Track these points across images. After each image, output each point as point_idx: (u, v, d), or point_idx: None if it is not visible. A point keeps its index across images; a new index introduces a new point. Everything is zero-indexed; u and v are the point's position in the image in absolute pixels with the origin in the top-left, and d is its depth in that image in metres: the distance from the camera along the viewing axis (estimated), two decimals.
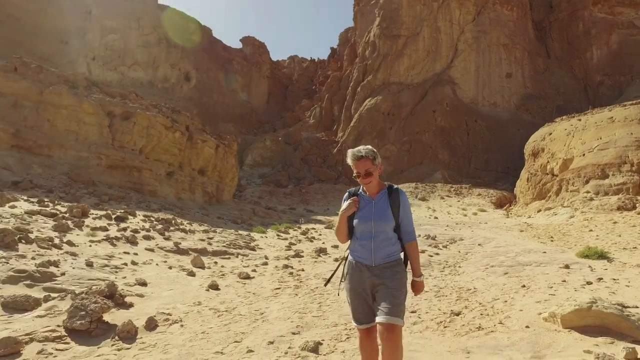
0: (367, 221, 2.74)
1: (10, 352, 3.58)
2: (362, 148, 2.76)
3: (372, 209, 2.75)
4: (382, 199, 2.78)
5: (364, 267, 2.72)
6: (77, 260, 6.90)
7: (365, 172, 2.70)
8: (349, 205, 2.76)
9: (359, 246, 2.77)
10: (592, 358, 3.18)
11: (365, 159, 2.71)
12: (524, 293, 5.72)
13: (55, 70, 20.56)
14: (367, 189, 2.81)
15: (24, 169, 14.47)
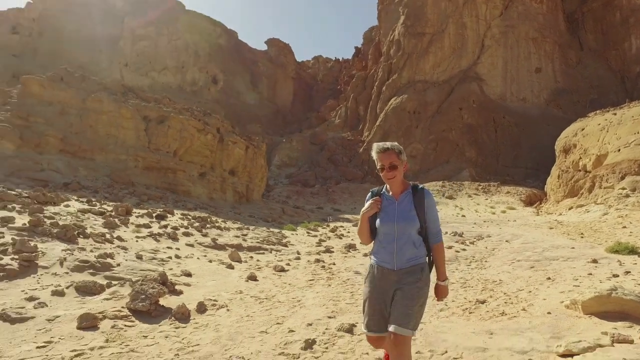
0: (389, 222, 2.62)
1: (90, 325, 4.18)
2: (388, 142, 2.70)
3: (395, 210, 2.63)
4: (406, 199, 2.65)
5: (386, 271, 2.61)
6: (128, 253, 7.57)
7: (389, 164, 2.60)
8: (371, 206, 2.66)
9: (381, 249, 2.67)
10: (608, 338, 3.44)
11: (390, 152, 2.63)
12: (549, 285, 5.93)
13: (95, 78, 21.81)
14: (391, 187, 2.70)
15: (72, 171, 15.54)
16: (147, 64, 69.78)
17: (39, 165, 14.72)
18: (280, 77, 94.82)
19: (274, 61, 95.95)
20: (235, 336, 4.20)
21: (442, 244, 2.72)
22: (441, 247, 2.70)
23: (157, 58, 70.37)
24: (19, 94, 18.88)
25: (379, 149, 2.66)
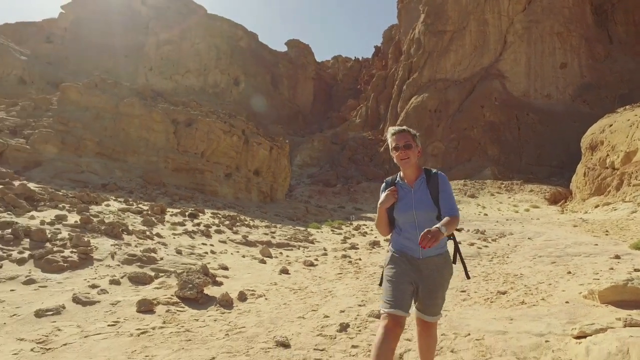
0: (408, 211, 2.58)
1: (147, 309, 4.72)
2: (404, 126, 2.70)
3: (412, 198, 2.59)
4: (421, 186, 2.62)
5: (411, 258, 2.57)
6: (168, 249, 8.18)
7: (404, 143, 2.57)
8: (387, 197, 2.61)
9: (403, 239, 2.62)
10: (621, 322, 3.73)
11: (406, 133, 2.62)
12: (569, 278, 6.18)
13: (126, 84, 22.84)
14: (404, 171, 2.66)
15: (108, 173, 16.44)
16: (171, 68, 71.67)
17: (79, 167, 15.66)
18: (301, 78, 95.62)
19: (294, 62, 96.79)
20: (275, 320, 4.66)
21: (457, 217, 2.50)
22: (456, 217, 2.47)
23: (180, 62, 72.19)
24: (58, 101, 20.01)
25: (394, 130, 2.64)
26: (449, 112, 52.18)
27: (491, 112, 50.73)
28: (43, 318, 4.35)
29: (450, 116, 52.00)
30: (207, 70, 72.93)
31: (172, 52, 71.90)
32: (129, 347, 3.74)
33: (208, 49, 73.73)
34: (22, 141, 15.35)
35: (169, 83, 70.08)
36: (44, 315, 4.40)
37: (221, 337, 4.08)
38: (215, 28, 77.50)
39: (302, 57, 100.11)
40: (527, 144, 49.45)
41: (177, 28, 73.16)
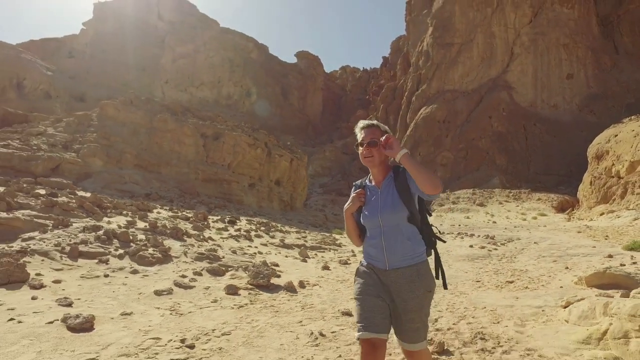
0: (373, 215, 2.25)
1: (234, 292, 6.13)
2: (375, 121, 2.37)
3: (379, 200, 2.26)
4: (388, 185, 2.28)
5: (378, 271, 2.23)
6: (224, 249, 9.60)
7: (370, 140, 2.24)
8: (352, 200, 2.33)
9: (369, 247, 2.29)
10: (597, 297, 5.05)
11: (375, 128, 2.30)
12: (566, 272, 7.48)
13: (158, 100, 24.56)
14: (372, 171, 2.34)
15: (147, 183, 18.01)
16: (186, 80, 73.98)
17: (123, 179, 17.24)
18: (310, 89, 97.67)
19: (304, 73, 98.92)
20: (334, 300, 6.04)
21: (437, 181, 2.10)
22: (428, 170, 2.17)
23: (195, 74, 74.51)
24: (98, 117, 21.74)
25: (363, 124, 2.33)
26: (457, 123, 53.45)
27: (499, 123, 51.90)
28: (162, 296, 5.78)
29: (458, 126, 53.26)
30: (221, 83, 75.15)
31: (187, 66, 74.29)
32: (235, 315, 5.15)
33: (222, 62, 76.03)
34: (73, 155, 16.99)
35: (184, 95, 72.30)
36: (161, 294, 5.83)
37: (299, 310, 5.47)
38: (228, 41, 79.91)
39: (312, 68, 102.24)
40: (535, 153, 50.46)
41: (192, 42, 75.63)
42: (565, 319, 4.48)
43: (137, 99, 22.95)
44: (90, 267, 6.78)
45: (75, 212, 9.97)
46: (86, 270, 6.63)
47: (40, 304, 4.98)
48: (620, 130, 33.97)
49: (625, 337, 3.41)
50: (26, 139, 17.70)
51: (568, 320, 4.41)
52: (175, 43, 74.58)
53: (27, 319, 4.41)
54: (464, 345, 3.88)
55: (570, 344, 3.77)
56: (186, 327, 4.52)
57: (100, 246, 7.84)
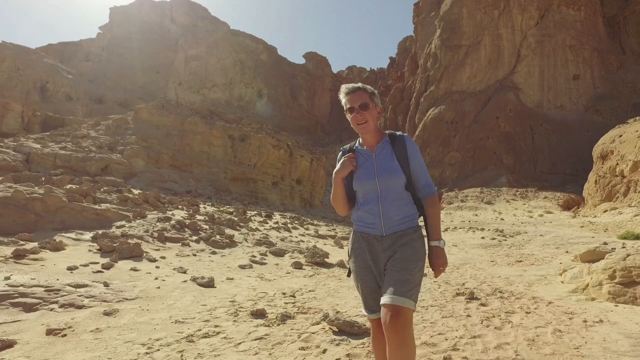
0: (369, 179, 2.10)
1: (299, 267, 7.74)
2: (359, 83, 2.19)
3: (374, 163, 2.12)
4: (384, 150, 2.15)
5: (373, 239, 2.08)
6: (273, 238, 11.22)
7: (360, 103, 2.08)
8: (344, 164, 2.14)
9: (363, 213, 2.13)
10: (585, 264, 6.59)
11: (362, 91, 2.12)
12: (565, 255, 9.01)
13: (187, 104, 26.26)
14: (364, 137, 2.18)
15: (185, 182, 19.71)
16: (199, 82, 75.88)
17: (163, 178, 18.94)
18: (318, 89, 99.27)
19: (312, 74, 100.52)
20: None
21: (436, 196, 2.19)
22: (435, 200, 2.17)
23: (207, 76, 76.39)
24: (133, 120, 23.49)
25: (347, 89, 2.15)
26: (465, 123, 54.77)
27: (506, 123, 53.15)
28: (245, 269, 7.41)
29: (466, 127, 54.57)
30: (233, 84, 76.95)
31: (199, 68, 76.17)
32: (309, 281, 6.75)
33: (233, 64, 77.83)
34: (119, 156, 18.72)
35: (196, 97, 74.17)
36: (244, 268, 7.46)
37: None
38: (238, 43, 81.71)
39: (320, 69, 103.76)
40: (541, 153, 51.68)
41: (204, 44, 77.50)
42: (561, 280, 6.05)
43: (168, 103, 24.66)
44: (178, 249, 8.42)
45: (144, 205, 11.65)
46: (176, 250, 8.28)
47: (165, 270, 6.62)
48: (624, 130, 35.17)
49: (599, 284, 4.98)
50: (76, 141, 19.46)
51: (563, 281, 5.98)
52: (188, 45, 76.49)
53: (167, 279, 6.05)
54: (487, 296, 5.45)
55: (563, 294, 5.35)
56: (279, 287, 6.13)
57: (177, 233, 9.49)
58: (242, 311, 4.57)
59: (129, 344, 3.51)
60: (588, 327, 3.82)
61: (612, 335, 3.57)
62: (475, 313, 4.46)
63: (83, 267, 6.17)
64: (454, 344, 3.41)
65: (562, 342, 3.42)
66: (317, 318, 4.25)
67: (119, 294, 5.10)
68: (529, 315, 4.31)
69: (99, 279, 5.59)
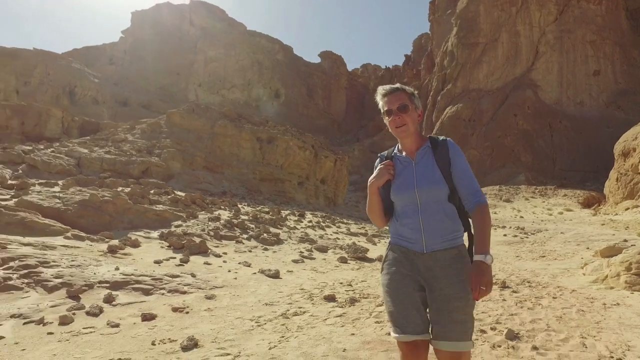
0: (407, 190, 1.89)
1: (344, 261, 8.70)
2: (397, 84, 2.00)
3: (414, 172, 1.91)
4: (425, 157, 1.94)
5: (413, 255, 1.87)
6: (312, 235, 12.20)
7: (399, 105, 1.89)
8: (379, 173, 1.95)
9: (402, 227, 1.92)
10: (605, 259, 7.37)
11: (400, 92, 1.95)
12: (586, 251, 9.76)
13: (215, 108, 27.50)
14: (403, 143, 1.98)
15: (218, 183, 20.89)
16: (218, 83, 77.53)
17: (198, 179, 20.15)
18: (334, 88, 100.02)
19: (328, 73, 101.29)
20: None
21: (486, 205, 1.88)
22: (483, 210, 1.86)
23: (226, 77, 77.99)
24: (165, 124, 24.79)
25: (384, 90, 1.98)
26: (482, 121, 54.91)
27: (524, 120, 53.11)
28: (298, 263, 8.41)
29: (484, 125, 54.71)
30: (251, 85, 78.37)
31: (218, 69, 77.79)
32: (358, 273, 7.70)
33: (251, 65, 79.22)
34: (157, 159, 20.00)
35: (216, 98, 75.81)
36: (297, 262, 8.46)
37: None
38: (255, 44, 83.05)
39: (335, 67, 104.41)
40: (561, 150, 51.52)
41: (222, 46, 79.04)
42: (583, 273, 6.88)
43: (198, 107, 25.91)
44: (234, 246, 9.48)
45: (192, 206, 12.79)
46: (233, 247, 9.33)
47: (232, 264, 7.67)
48: None
49: (617, 275, 5.81)
50: (117, 145, 20.83)
51: (585, 273, 6.81)
52: (207, 47, 78.17)
53: (239, 271, 7.09)
54: (517, 285, 6.32)
55: (585, 284, 6.18)
56: (334, 278, 7.10)
57: (229, 232, 10.56)
58: (315, 296, 5.56)
59: (239, 319, 4.52)
60: (607, 308, 4.68)
61: (627, 314, 4.43)
62: (509, 298, 5.35)
63: (166, 261, 7.26)
64: (497, 319, 4.32)
65: (585, 318, 4.30)
66: (379, 301, 5.20)
67: (208, 282, 6.15)
68: (556, 299, 5.18)
69: (185, 271, 6.66)
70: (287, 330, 4.14)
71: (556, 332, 3.85)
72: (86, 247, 7.59)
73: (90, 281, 5.49)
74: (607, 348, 3.38)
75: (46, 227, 8.07)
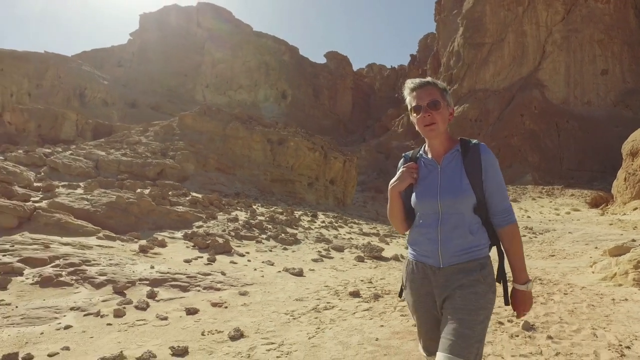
0: (430, 198, 1.73)
1: (361, 260, 9.08)
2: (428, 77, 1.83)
3: (438, 178, 1.74)
4: (452, 162, 1.75)
5: (429, 270, 1.74)
6: (327, 235, 12.60)
7: (430, 101, 1.70)
8: (402, 176, 1.80)
9: (419, 236, 1.78)
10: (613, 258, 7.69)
11: (432, 87, 1.75)
12: (595, 250, 10.07)
13: (226, 110, 27.98)
14: (430, 143, 1.80)
15: (231, 184, 21.35)
16: (225, 84, 78.16)
17: (211, 180, 20.62)
18: (340, 88, 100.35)
19: (333, 73, 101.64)
20: None
21: (517, 226, 1.74)
22: (515, 230, 1.72)
23: (233, 78, 78.61)
24: (178, 126, 25.30)
25: (414, 84, 1.77)
26: (489, 121, 55.01)
27: (531, 120, 53.14)
28: (318, 262, 8.80)
29: (490, 125, 54.82)
30: (258, 86, 78.92)
31: (225, 70, 78.43)
32: (376, 271, 8.08)
33: (258, 66, 79.77)
34: (171, 161, 20.50)
35: (223, 99, 76.43)
36: (317, 261, 8.85)
37: None
38: (262, 45, 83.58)
39: (341, 68, 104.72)
40: (568, 150, 51.50)
41: (229, 47, 79.67)
42: (592, 271, 7.21)
43: (209, 109, 26.40)
44: (255, 246, 9.89)
45: (211, 207, 13.23)
46: (254, 247, 9.75)
47: (256, 263, 8.08)
48: None
49: (625, 273, 6.15)
50: (132, 148, 21.36)
51: (594, 272, 7.14)
52: (214, 49, 78.83)
53: (264, 270, 7.50)
54: None
55: (594, 281, 6.52)
56: (354, 276, 7.49)
57: (248, 232, 10.98)
58: (340, 292, 5.96)
59: (275, 313, 4.93)
60: (615, 303, 5.03)
61: (635, 309, 4.78)
62: None
63: (195, 260, 7.68)
64: (512, 313, 4.68)
65: (595, 312, 4.66)
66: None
67: (238, 280, 6.56)
68: (567, 295, 5.53)
69: (215, 270, 7.08)
70: (321, 322, 4.54)
71: (568, 324, 4.22)
72: (118, 246, 8.04)
73: (131, 278, 5.92)
74: (616, 337, 3.74)
75: (80, 228, 8.53)
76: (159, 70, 72.76)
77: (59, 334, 3.98)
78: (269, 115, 77.13)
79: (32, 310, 4.53)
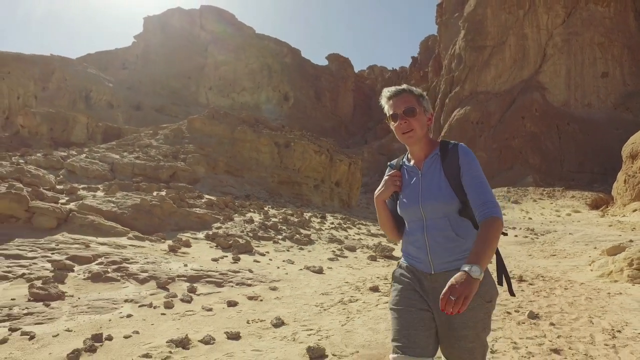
0: (412, 204, 1.73)
1: (374, 259, 9.65)
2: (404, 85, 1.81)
3: (419, 184, 1.74)
4: (432, 166, 1.75)
5: (420, 275, 1.71)
6: (337, 236, 13.18)
7: (405, 108, 1.71)
8: (386, 185, 1.80)
9: (408, 244, 1.78)
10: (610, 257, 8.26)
11: (407, 94, 1.75)
12: (594, 250, 10.65)
13: (233, 114, 28.59)
14: (411, 149, 1.81)
15: (241, 186, 21.94)
16: (228, 87, 78.88)
17: (222, 183, 21.22)
18: (341, 90, 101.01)
19: (335, 75, 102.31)
20: None
21: (498, 219, 1.58)
22: (492, 222, 1.57)
23: (236, 81, 79.32)
24: (187, 129, 25.91)
25: (389, 92, 1.79)
26: (490, 124, 55.61)
27: (532, 123, 53.74)
28: (333, 261, 9.38)
29: (492, 127, 55.41)
30: (261, 88, 79.62)
31: (228, 72, 79.14)
32: (389, 270, 8.65)
33: (261, 68, 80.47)
34: (183, 164, 21.10)
35: (226, 101, 77.15)
36: (332, 260, 9.43)
37: None
38: (264, 47, 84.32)
39: (342, 70, 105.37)
40: (568, 152, 52.08)
41: (232, 50, 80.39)
42: (591, 269, 7.79)
43: (217, 113, 27.01)
44: (273, 246, 10.47)
45: (226, 209, 13.82)
46: (273, 247, 10.33)
47: (277, 262, 8.66)
48: None
49: (621, 270, 6.73)
50: (144, 151, 21.96)
51: (592, 270, 7.72)
52: (217, 51, 79.56)
53: (286, 268, 8.08)
54: (532, 279, 7.24)
55: (592, 278, 7.10)
56: (370, 274, 8.06)
57: (265, 233, 11.56)
58: (361, 288, 6.53)
59: (307, 305, 5.51)
60: (610, 296, 5.61)
61: (628, 301, 5.35)
62: (526, 289, 6.29)
63: (221, 259, 8.26)
64: (518, 304, 5.26)
65: (592, 304, 5.24)
66: None
67: (265, 277, 7.15)
68: (567, 290, 6.11)
69: (242, 268, 7.66)
70: (349, 312, 5.12)
71: (568, 313, 4.80)
72: (149, 246, 8.63)
73: (170, 275, 6.51)
74: (609, 324, 4.32)
75: (111, 229, 9.12)
76: (163, 73, 73.49)
77: (123, 321, 4.56)
78: (271, 118, 77.81)
79: (93, 301, 5.12)
